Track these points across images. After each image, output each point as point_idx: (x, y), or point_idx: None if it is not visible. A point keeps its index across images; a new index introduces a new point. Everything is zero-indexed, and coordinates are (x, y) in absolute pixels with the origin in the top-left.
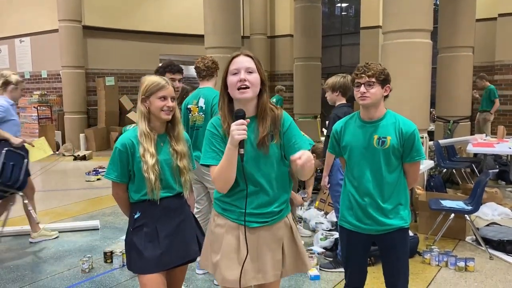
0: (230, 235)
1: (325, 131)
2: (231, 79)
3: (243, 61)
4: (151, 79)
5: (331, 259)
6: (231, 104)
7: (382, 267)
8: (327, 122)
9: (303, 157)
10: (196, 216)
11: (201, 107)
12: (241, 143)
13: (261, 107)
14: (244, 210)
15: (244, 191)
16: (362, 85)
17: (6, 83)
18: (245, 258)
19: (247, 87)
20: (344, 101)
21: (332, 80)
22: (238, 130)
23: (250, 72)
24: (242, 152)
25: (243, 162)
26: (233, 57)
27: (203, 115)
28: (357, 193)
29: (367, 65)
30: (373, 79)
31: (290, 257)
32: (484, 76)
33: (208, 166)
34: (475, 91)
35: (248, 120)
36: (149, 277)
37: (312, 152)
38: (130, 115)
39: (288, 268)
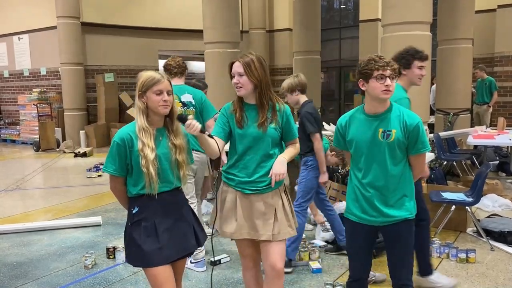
0: (230, 198)
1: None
2: (233, 81)
3: (236, 67)
4: (147, 74)
5: (332, 252)
6: (240, 97)
7: (387, 258)
8: (297, 122)
9: (273, 176)
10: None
11: (190, 102)
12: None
13: (257, 98)
14: (241, 179)
15: (240, 163)
16: (387, 78)
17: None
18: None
19: (240, 87)
20: (305, 98)
21: (287, 83)
22: (190, 130)
23: (241, 75)
24: (208, 133)
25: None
26: (232, 63)
27: (194, 110)
28: (362, 185)
29: (382, 58)
30: (395, 73)
31: (282, 223)
32: (483, 68)
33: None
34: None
35: (192, 116)
36: (159, 269)
37: (331, 150)
38: (130, 111)
39: (280, 232)
